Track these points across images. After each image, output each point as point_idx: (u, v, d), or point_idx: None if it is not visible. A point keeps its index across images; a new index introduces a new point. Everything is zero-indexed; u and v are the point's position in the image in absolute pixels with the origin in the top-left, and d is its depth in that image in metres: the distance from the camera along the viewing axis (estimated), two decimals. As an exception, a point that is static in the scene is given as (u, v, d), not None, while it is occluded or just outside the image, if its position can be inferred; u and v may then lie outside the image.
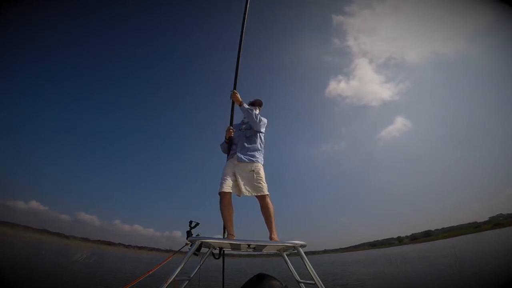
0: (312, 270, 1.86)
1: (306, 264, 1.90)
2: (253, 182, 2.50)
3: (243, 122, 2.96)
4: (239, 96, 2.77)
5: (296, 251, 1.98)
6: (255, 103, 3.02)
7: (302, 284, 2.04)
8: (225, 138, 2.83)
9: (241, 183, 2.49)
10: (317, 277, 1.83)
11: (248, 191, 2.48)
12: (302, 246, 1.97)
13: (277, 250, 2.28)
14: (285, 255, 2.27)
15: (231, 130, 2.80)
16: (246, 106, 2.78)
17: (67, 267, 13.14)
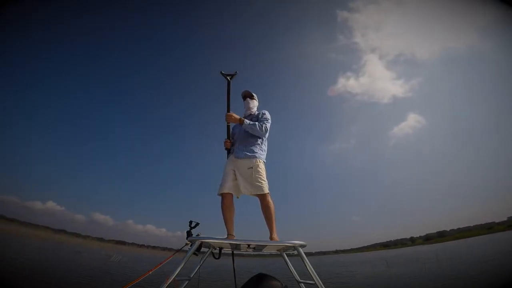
0: (312, 270, 1.84)
1: (306, 264, 1.89)
2: (251, 180, 2.39)
3: (244, 116, 2.82)
4: (235, 115, 2.61)
5: (296, 251, 1.97)
6: (247, 96, 2.86)
7: (302, 284, 2.02)
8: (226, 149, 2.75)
9: (241, 181, 2.42)
10: (317, 277, 1.82)
11: (247, 190, 2.41)
12: (302, 246, 1.95)
13: (277, 250, 2.26)
14: (285, 255, 2.26)
15: (228, 142, 2.70)
16: (247, 122, 2.58)
17: (113, 268, 13.60)
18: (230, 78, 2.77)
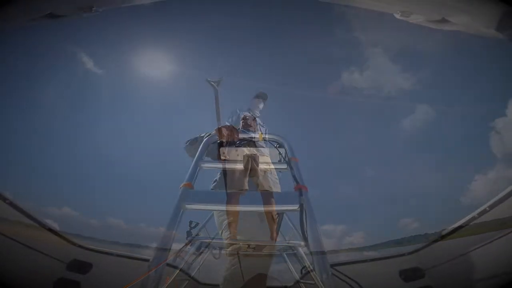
0: (312, 270, 1.82)
1: (306, 264, 1.86)
2: (271, 175, 2.25)
3: (254, 115, 2.64)
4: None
5: (296, 251, 1.95)
6: (265, 99, 2.73)
7: (302, 284, 2.00)
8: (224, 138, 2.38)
9: (261, 175, 2.22)
10: (317, 277, 1.79)
11: (267, 186, 2.21)
12: (302, 246, 1.93)
13: (277, 250, 2.24)
14: (285, 255, 2.24)
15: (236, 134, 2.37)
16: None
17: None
18: (217, 85, 2.38)
